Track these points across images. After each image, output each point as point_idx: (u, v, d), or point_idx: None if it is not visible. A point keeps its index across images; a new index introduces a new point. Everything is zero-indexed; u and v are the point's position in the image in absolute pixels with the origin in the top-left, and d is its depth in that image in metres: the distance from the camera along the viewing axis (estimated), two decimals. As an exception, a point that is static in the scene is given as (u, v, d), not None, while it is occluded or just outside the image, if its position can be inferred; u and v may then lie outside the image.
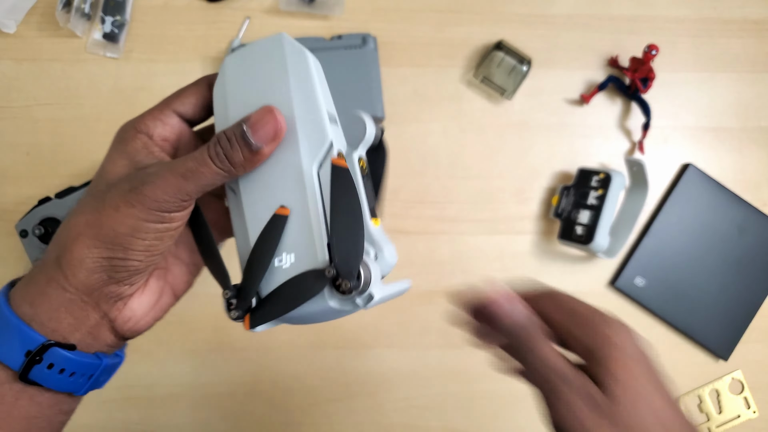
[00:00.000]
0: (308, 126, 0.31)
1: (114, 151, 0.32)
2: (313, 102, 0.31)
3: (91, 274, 0.29)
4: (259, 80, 0.32)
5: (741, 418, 0.69)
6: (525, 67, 0.67)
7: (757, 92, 0.71)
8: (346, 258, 0.29)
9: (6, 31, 0.65)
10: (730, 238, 0.69)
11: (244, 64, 0.32)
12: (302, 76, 0.31)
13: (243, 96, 0.32)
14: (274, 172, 0.31)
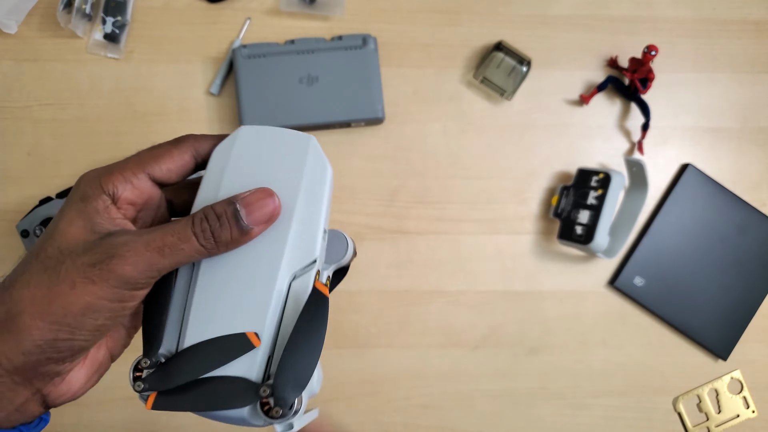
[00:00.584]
0: (302, 234, 0.30)
1: (71, 207, 0.28)
2: (317, 214, 0.30)
3: (29, 356, 0.26)
4: (270, 166, 0.31)
5: (740, 418, 0.69)
6: (524, 67, 0.67)
7: (757, 93, 0.71)
8: (289, 386, 0.28)
9: (7, 31, 0.65)
10: (729, 238, 0.69)
11: (261, 142, 0.31)
12: (316, 185, 0.31)
13: (246, 172, 0.30)
14: (246, 259, 0.29)
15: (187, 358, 0.29)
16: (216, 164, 0.31)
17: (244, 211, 0.28)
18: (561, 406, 0.69)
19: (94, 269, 0.26)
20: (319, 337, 0.28)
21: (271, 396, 0.28)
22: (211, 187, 0.30)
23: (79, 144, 0.66)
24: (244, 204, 0.28)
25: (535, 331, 0.69)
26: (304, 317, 0.28)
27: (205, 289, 0.29)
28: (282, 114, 0.64)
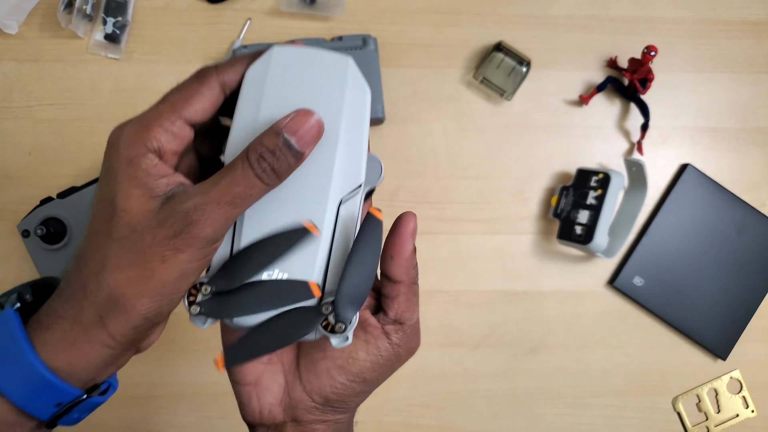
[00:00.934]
0: (347, 159, 0.30)
1: (120, 175, 0.27)
2: (360, 138, 0.30)
3: (138, 328, 0.28)
4: (309, 89, 0.30)
5: (739, 418, 0.69)
6: (524, 68, 0.67)
7: (756, 93, 0.71)
8: (349, 303, 0.29)
9: (8, 31, 0.65)
10: (728, 238, 0.69)
11: (296, 64, 0.30)
12: (357, 109, 0.30)
13: (284, 96, 0.29)
14: (295, 186, 0.29)
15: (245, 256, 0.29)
16: (250, 90, 0.30)
17: (294, 138, 0.27)
18: (561, 405, 0.69)
19: (177, 239, 0.26)
20: (375, 258, 0.29)
21: (332, 313, 0.28)
22: (248, 114, 0.29)
23: (79, 144, 0.66)
24: (290, 131, 0.27)
25: (534, 331, 0.69)
26: (361, 239, 0.29)
27: (256, 216, 0.29)
28: (282, 114, 0.65)
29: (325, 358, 0.32)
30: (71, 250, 0.61)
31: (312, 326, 0.29)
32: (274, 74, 0.30)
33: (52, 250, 0.60)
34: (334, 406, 0.33)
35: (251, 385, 0.33)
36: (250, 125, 0.29)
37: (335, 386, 0.32)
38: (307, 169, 0.29)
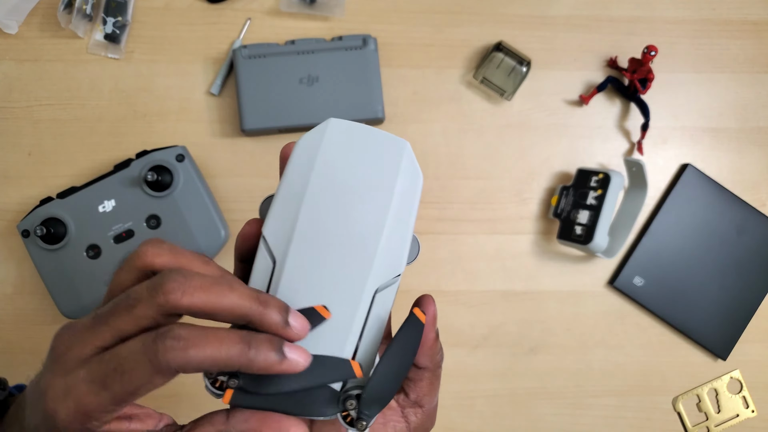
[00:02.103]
0: (390, 248, 0.28)
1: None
2: (407, 228, 0.29)
3: None
4: (362, 168, 0.28)
5: (740, 418, 0.69)
6: (524, 68, 0.67)
7: (756, 93, 0.71)
8: (376, 402, 0.27)
9: (8, 31, 0.65)
10: (728, 238, 0.69)
11: (351, 140, 0.29)
12: (408, 196, 0.29)
13: (335, 170, 0.28)
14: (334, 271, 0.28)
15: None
16: (301, 159, 0.28)
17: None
18: (561, 405, 0.69)
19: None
20: (409, 361, 0.28)
21: (355, 409, 0.27)
22: (295, 185, 0.28)
23: (79, 144, 0.66)
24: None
25: (534, 331, 0.69)
26: (400, 339, 0.28)
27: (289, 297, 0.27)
28: (282, 114, 0.65)
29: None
30: (71, 250, 0.61)
31: (331, 412, 0.27)
32: (327, 148, 0.28)
33: (52, 250, 0.60)
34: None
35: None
36: (296, 197, 0.28)
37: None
38: (348, 254, 0.28)
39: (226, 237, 0.64)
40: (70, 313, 0.61)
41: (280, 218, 0.28)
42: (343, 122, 0.29)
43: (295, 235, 0.28)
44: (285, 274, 0.28)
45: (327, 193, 0.28)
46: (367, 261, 0.28)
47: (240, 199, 0.67)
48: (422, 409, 0.32)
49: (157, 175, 0.60)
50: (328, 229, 0.28)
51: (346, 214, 0.28)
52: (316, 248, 0.28)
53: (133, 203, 0.61)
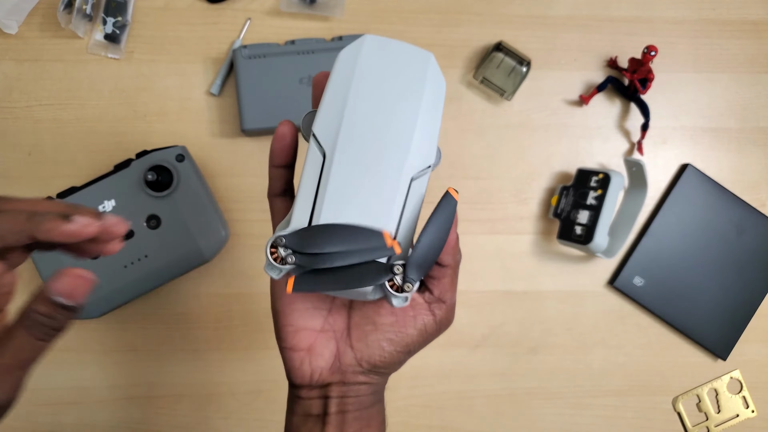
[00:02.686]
0: (422, 143, 0.33)
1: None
2: (435, 125, 0.34)
3: None
4: (395, 77, 0.33)
5: (740, 418, 0.69)
6: (524, 68, 0.67)
7: (756, 93, 0.71)
8: (419, 268, 0.32)
9: (7, 31, 0.65)
10: (728, 238, 0.69)
11: (384, 52, 0.34)
12: (434, 99, 0.34)
13: (372, 80, 0.33)
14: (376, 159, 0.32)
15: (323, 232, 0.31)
16: (342, 70, 0.33)
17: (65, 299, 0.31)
18: (561, 405, 0.69)
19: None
20: (446, 232, 0.33)
21: (401, 273, 0.31)
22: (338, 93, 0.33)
23: (79, 144, 0.66)
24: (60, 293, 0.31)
25: (534, 331, 0.69)
26: (438, 213, 0.32)
27: (339, 184, 0.32)
28: (282, 114, 0.65)
29: (375, 330, 0.37)
30: (71, 250, 0.61)
31: (380, 278, 0.31)
32: (365, 58, 0.33)
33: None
34: (379, 371, 0.37)
35: (304, 350, 0.37)
36: (340, 100, 0.33)
37: (383, 355, 0.36)
38: (387, 148, 0.33)
39: (226, 237, 0.64)
40: (70, 313, 0.61)
41: (327, 119, 0.33)
42: (377, 37, 0.34)
43: (341, 132, 0.32)
44: (335, 164, 0.32)
45: (366, 96, 0.33)
46: (403, 152, 0.33)
47: (240, 199, 0.67)
48: (445, 304, 0.38)
49: (157, 175, 0.60)
50: (369, 127, 0.33)
51: (383, 114, 0.33)
52: (360, 142, 0.32)
53: (133, 203, 0.61)
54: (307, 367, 0.37)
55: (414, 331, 0.37)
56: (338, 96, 0.33)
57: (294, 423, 0.38)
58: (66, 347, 0.65)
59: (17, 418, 0.65)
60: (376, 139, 0.33)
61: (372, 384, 0.37)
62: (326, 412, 0.37)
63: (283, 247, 0.31)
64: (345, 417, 0.36)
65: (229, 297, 0.67)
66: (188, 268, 0.63)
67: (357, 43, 0.34)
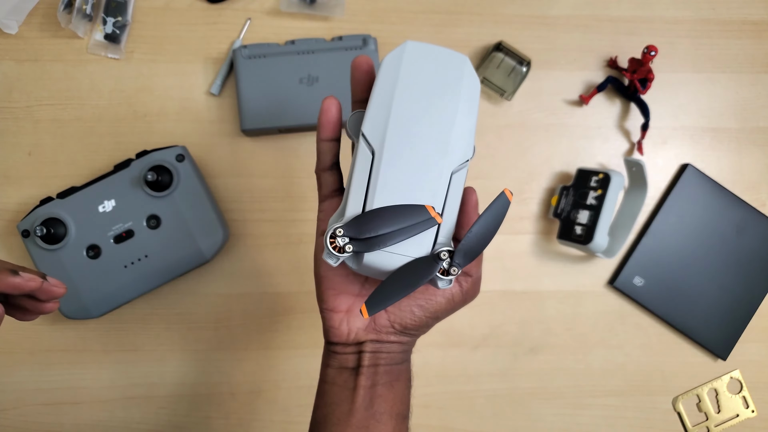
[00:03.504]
0: (460, 139, 0.36)
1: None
2: (472, 123, 0.37)
3: None
4: (435, 80, 0.37)
5: (739, 418, 0.69)
6: (524, 68, 0.67)
7: (756, 93, 0.71)
8: (466, 254, 0.35)
9: (8, 31, 0.65)
10: (728, 238, 0.69)
11: (424, 57, 0.37)
12: (471, 99, 0.37)
13: (414, 84, 0.36)
14: (420, 156, 0.36)
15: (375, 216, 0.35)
16: (387, 75, 0.37)
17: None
18: (561, 405, 0.69)
19: None
20: (496, 227, 0.36)
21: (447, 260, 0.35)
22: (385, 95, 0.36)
23: (79, 144, 0.66)
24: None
25: (534, 331, 0.69)
26: (492, 209, 0.36)
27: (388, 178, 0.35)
28: (282, 114, 0.65)
29: (408, 297, 0.41)
30: (71, 250, 0.61)
31: (432, 271, 0.35)
32: (408, 63, 0.37)
33: (52, 250, 0.60)
34: (410, 333, 0.42)
35: (343, 312, 0.41)
36: (386, 103, 0.36)
37: (414, 319, 0.41)
38: (431, 146, 0.36)
39: (226, 237, 0.64)
40: (70, 313, 0.61)
41: (375, 120, 0.36)
42: (417, 43, 0.38)
43: (388, 131, 0.36)
44: (384, 161, 0.36)
45: (410, 98, 0.36)
46: (445, 149, 0.36)
47: (240, 199, 0.67)
48: (471, 277, 0.41)
49: (157, 175, 0.60)
50: (414, 126, 0.36)
51: (426, 114, 0.36)
52: (406, 141, 0.36)
53: (133, 203, 0.61)
54: (345, 326, 0.41)
55: (442, 300, 0.41)
56: (384, 99, 0.36)
57: (329, 374, 0.42)
58: (66, 347, 0.65)
59: (17, 418, 0.65)
60: (420, 137, 0.36)
61: (402, 343, 0.42)
62: (360, 365, 0.41)
63: (341, 237, 0.34)
64: (377, 370, 0.41)
65: (229, 297, 0.67)
66: (188, 268, 0.63)
67: (399, 49, 0.37)
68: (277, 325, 0.67)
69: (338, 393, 0.41)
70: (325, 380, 0.43)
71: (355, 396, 0.40)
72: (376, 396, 0.41)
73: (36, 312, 0.41)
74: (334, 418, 0.41)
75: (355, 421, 0.40)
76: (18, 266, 0.39)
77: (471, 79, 0.37)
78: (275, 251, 0.67)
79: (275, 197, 0.67)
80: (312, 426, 0.43)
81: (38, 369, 0.65)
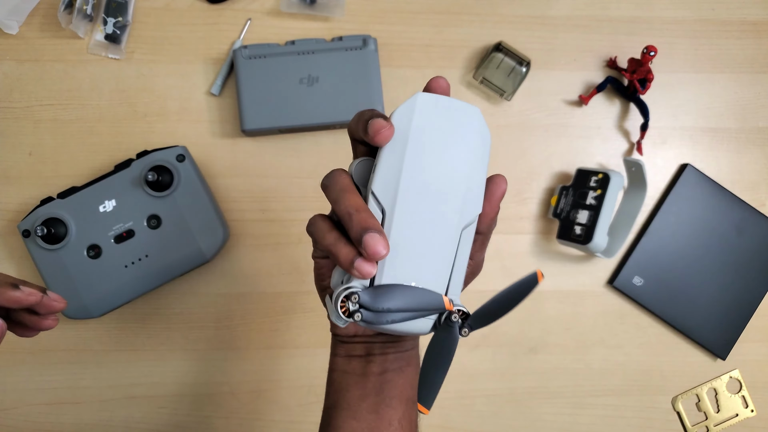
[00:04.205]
0: (469, 194, 0.35)
1: None
2: (481, 178, 0.36)
3: None
4: (446, 136, 0.36)
5: (739, 417, 0.69)
6: (524, 68, 0.67)
7: (755, 93, 0.71)
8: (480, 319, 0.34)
9: (8, 32, 0.65)
10: (728, 238, 0.69)
11: (436, 113, 0.36)
12: (481, 154, 0.36)
13: (425, 141, 0.35)
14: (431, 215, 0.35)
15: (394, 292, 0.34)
16: (401, 126, 0.35)
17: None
18: (560, 405, 0.69)
19: None
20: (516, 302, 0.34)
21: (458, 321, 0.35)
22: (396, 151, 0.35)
23: (80, 144, 0.66)
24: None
25: (534, 331, 0.69)
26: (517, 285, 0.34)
27: (398, 238, 0.34)
28: (282, 114, 0.65)
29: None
30: (71, 250, 0.61)
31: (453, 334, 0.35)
32: (419, 119, 0.36)
33: (53, 250, 0.61)
34: None
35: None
36: (397, 161, 0.35)
37: None
38: (442, 205, 0.35)
39: (226, 237, 0.64)
40: (70, 312, 0.61)
41: (385, 178, 0.35)
42: (429, 95, 0.37)
43: (399, 191, 0.35)
44: (395, 222, 0.34)
45: (421, 155, 0.35)
46: (456, 208, 0.35)
47: (240, 199, 0.67)
48: (473, 261, 0.41)
49: (157, 175, 0.61)
50: (425, 185, 0.35)
51: (437, 172, 0.35)
52: (417, 200, 0.35)
53: (133, 203, 0.62)
54: (351, 325, 0.42)
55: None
56: (396, 157, 0.35)
57: (338, 363, 0.43)
58: (66, 347, 0.65)
59: (18, 418, 0.65)
60: (431, 196, 0.35)
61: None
62: (370, 353, 0.42)
63: (352, 303, 0.33)
64: (386, 357, 0.42)
65: (229, 297, 0.67)
66: (188, 268, 0.63)
67: (410, 103, 0.36)
68: (278, 324, 0.67)
69: (348, 380, 0.42)
70: (334, 368, 0.43)
71: (366, 382, 0.41)
72: (387, 381, 0.41)
73: (36, 328, 0.41)
74: (345, 403, 0.41)
75: (365, 405, 0.41)
76: (19, 280, 0.39)
77: (483, 132, 0.36)
78: (275, 251, 0.67)
79: (275, 197, 0.67)
80: (324, 412, 0.44)
81: (39, 369, 0.65)
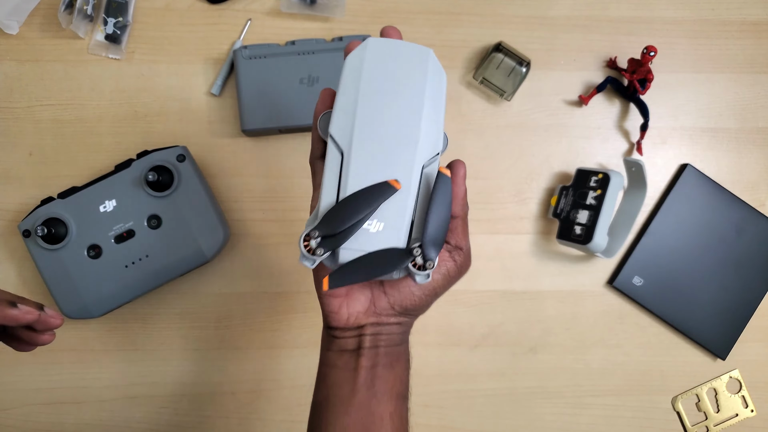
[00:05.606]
0: (429, 133, 0.36)
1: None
2: (440, 116, 0.37)
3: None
4: (399, 76, 0.36)
5: (739, 417, 0.69)
6: (524, 68, 0.67)
7: (755, 93, 0.72)
8: (433, 245, 0.36)
9: (8, 32, 0.65)
10: (727, 238, 0.69)
11: (387, 53, 0.36)
12: (437, 91, 0.37)
13: (378, 81, 0.36)
14: (388, 153, 0.36)
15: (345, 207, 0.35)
16: (350, 73, 0.36)
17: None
18: (560, 405, 0.69)
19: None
20: (448, 208, 0.36)
21: (420, 255, 0.35)
22: (349, 95, 0.36)
23: (80, 144, 0.66)
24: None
25: (534, 331, 0.69)
26: (437, 194, 0.35)
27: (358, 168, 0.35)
28: (283, 114, 0.65)
29: (406, 278, 0.41)
30: (72, 250, 0.61)
31: (403, 263, 0.35)
32: (370, 61, 0.36)
33: (53, 250, 0.61)
34: (409, 313, 0.42)
35: (342, 296, 0.42)
36: (351, 102, 0.36)
37: (414, 300, 0.41)
38: (398, 140, 0.36)
39: (227, 236, 0.64)
40: (71, 312, 0.61)
41: (341, 120, 0.36)
42: (379, 39, 0.37)
43: (355, 131, 0.36)
44: (352, 161, 0.35)
45: (374, 95, 0.36)
46: (413, 144, 0.36)
47: (240, 199, 0.67)
48: (461, 250, 0.42)
49: (157, 175, 0.61)
50: (380, 123, 0.36)
51: (392, 110, 0.36)
52: (373, 139, 0.36)
53: (134, 203, 0.62)
54: (344, 311, 0.42)
55: (439, 276, 0.41)
56: (349, 98, 0.36)
57: (329, 357, 0.43)
58: (66, 347, 0.65)
59: (19, 418, 0.65)
60: (387, 134, 0.36)
61: (401, 324, 0.43)
62: (360, 347, 0.42)
63: (314, 239, 0.35)
64: (377, 351, 0.42)
65: (230, 296, 0.67)
66: (189, 268, 0.63)
67: (361, 47, 0.36)
68: (278, 324, 0.67)
69: (339, 375, 0.42)
70: (326, 363, 0.43)
71: (357, 377, 0.41)
72: (377, 377, 0.41)
73: (33, 343, 0.42)
74: (336, 399, 0.41)
75: (356, 401, 0.41)
76: (17, 297, 0.39)
77: (436, 71, 0.37)
78: (276, 251, 0.67)
79: (275, 197, 0.68)
80: (313, 409, 0.44)
81: (39, 369, 0.65)
